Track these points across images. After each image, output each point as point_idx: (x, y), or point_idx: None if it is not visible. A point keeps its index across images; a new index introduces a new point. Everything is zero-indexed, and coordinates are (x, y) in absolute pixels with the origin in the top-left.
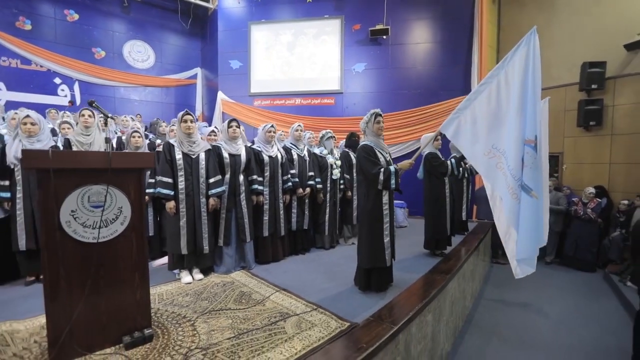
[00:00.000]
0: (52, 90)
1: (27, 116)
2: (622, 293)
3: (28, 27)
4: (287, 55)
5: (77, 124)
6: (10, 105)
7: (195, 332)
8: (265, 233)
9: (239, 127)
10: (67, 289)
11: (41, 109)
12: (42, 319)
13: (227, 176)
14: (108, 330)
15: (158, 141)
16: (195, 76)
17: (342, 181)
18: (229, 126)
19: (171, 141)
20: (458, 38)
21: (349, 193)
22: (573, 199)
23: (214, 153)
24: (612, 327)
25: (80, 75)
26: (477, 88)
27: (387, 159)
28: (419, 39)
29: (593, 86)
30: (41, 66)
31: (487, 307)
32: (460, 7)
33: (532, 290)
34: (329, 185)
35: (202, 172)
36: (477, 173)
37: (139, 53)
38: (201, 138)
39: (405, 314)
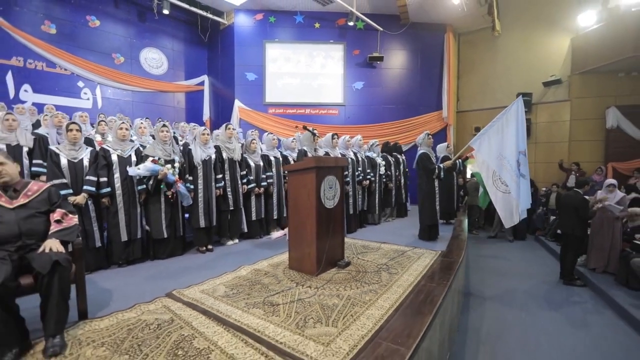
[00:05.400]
0: (76, 94)
1: (205, 127)
2: (548, 246)
3: (53, 30)
4: (298, 71)
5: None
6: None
7: (366, 260)
8: (352, 211)
9: (338, 139)
10: (322, 234)
11: (67, 112)
12: (263, 262)
13: None
14: (329, 259)
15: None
16: (202, 83)
17: (384, 176)
18: (332, 138)
19: (305, 148)
20: (432, 67)
21: (390, 184)
22: None
23: None
24: (545, 262)
25: (102, 79)
26: (491, 123)
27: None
28: (404, 66)
29: (524, 110)
30: (65, 69)
31: (473, 259)
32: (434, 44)
33: (495, 249)
34: (377, 178)
35: None
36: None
37: (153, 60)
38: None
39: (462, 248)
